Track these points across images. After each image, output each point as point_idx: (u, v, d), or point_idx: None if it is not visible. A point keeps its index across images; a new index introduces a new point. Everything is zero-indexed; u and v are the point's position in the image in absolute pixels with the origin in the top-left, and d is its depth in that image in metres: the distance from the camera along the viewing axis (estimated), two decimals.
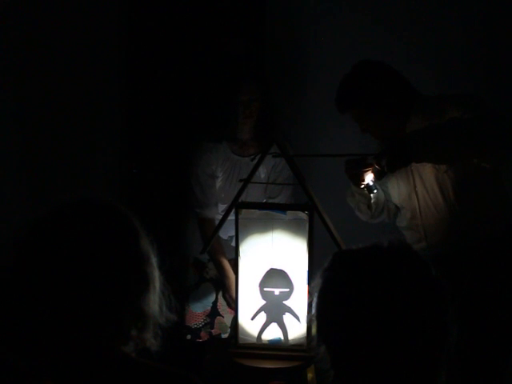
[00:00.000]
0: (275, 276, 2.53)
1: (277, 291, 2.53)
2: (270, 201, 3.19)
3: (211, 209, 3.20)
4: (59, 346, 1.33)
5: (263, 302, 2.56)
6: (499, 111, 2.54)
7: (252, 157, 2.97)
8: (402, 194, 2.78)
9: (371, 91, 2.65)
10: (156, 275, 1.43)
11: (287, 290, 2.53)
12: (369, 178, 2.67)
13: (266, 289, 2.54)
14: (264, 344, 2.55)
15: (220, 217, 2.79)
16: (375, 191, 2.73)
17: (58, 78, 3.41)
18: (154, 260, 1.43)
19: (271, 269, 2.54)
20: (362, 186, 2.70)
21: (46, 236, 1.36)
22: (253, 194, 3.12)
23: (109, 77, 3.63)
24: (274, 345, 2.55)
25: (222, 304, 3.26)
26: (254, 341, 2.57)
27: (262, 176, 3.18)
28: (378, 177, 2.61)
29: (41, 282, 1.32)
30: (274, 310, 2.55)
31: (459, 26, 3.43)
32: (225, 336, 3.23)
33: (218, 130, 3.14)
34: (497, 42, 3.42)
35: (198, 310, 3.26)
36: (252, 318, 2.57)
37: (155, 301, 1.42)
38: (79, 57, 3.49)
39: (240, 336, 2.58)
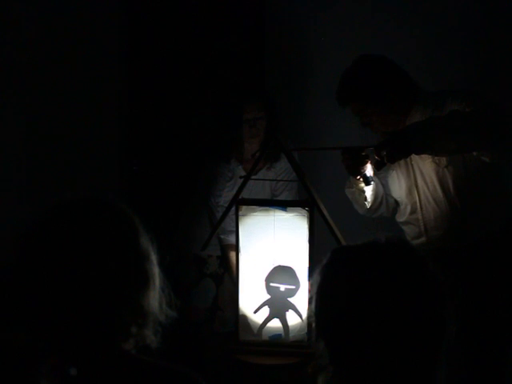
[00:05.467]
0: (282, 272, 2.53)
1: (282, 287, 2.53)
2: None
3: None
4: (59, 343, 1.33)
5: (268, 297, 2.56)
6: (499, 104, 2.54)
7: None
8: (402, 188, 2.78)
9: (372, 85, 2.65)
10: (156, 272, 1.43)
11: (293, 287, 2.53)
12: (365, 168, 2.68)
13: (272, 284, 2.54)
14: (264, 340, 2.56)
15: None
16: (372, 183, 2.74)
17: (59, 76, 3.42)
18: (153, 257, 1.43)
19: (279, 265, 2.54)
20: (359, 177, 2.71)
21: (46, 234, 1.36)
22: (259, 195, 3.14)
23: (109, 74, 3.64)
24: (274, 341, 2.55)
25: (222, 299, 3.28)
26: (255, 334, 2.57)
27: (268, 185, 3.20)
28: (377, 167, 2.61)
29: (41, 279, 1.33)
30: (278, 306, 2.55)
31: (459, 22, 3.43)
32: (225, 330, 3.24)
33: (225, 150, 3.15)
34: (496, 40, 3.41)
35: (199, 306, 3.27)
36: (255, 312, 2.57)
37: (155, 298, 1.42)
38: (79, 54, 3.49)
39: (240, 332, 2.58)
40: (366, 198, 2.83)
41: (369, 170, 2.69)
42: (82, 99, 3.50)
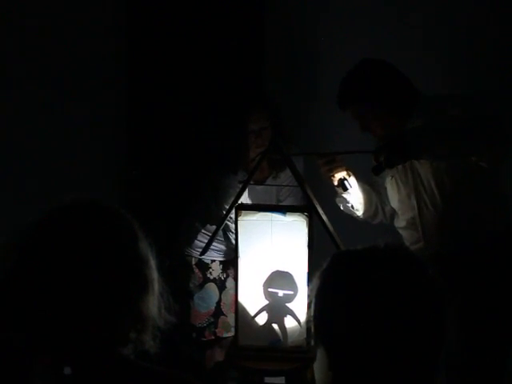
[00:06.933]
0: (281, 278, 2.53)
1: (281, 293, 2.53)
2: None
3: None
4: (58, 347, 1.33)
5: (266, 302, 2.56)
6: (498, 111, 2.55)
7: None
8: (401, 193, 2.79)
9: (372, 88, 2.67)
10: (155, 277, 1.43)
11: (291, 292, 2.53)
12: (339, 175, 2.73)
13: (270, 289, 2.54)
14: (263, 345, 2.56)
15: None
16: (349, 189, 2.77)
17: (60, 78, 3.41)
18: (152, 262, 1.43)
19: (277, 270, 2.54)
20: (336, 184, 2.74)
21: (44, 238, 1.36)
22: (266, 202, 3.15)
23: (110, 77, 3.63)
24: (273, 346, 2.55)
25: (225, 304, 3.28)
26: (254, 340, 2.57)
27: (274, 191, 3.21)
28: (376, 173, 2.62)
29: (40, 284, 1.33)
30: (276, 311, 2.55)
31: (464, 24, 3.42)
32: (228, 335, 3.25)
33: (231, 161, 3.14)
34: (499, 42, 3.41)
35: (202, 310, 3.29)
36: (253, 317, 2.57)
37: (154, 303, 1.42)
38: (80, 57, 3.49)
39: (240, 337, 2.58)
40: (352, 206, 2.86)
41: (343, 176, 2.73)
42: (81, 103, 3.49)
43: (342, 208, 2.92)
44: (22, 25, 3.24)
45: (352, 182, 2.79)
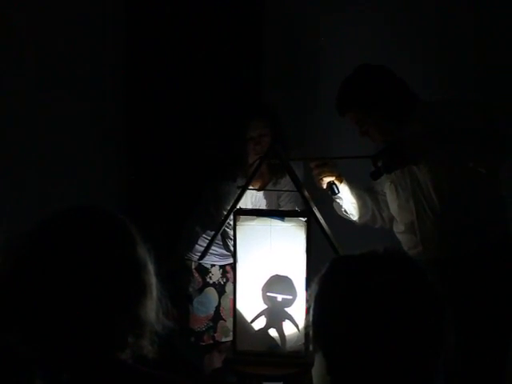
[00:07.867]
0: (280, 282, 2.53)
1: (280, 297, 2.53)
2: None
3: None
4: (56, 351, 1.33)
5: (265, 307, 2.56)
6: (497, 116, 2.56)
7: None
8: (400, 198, 2.79)
9: (370, 93, 2.67)
10: (153, 282, 1.43)
11: (290, 297, 2.53)
12: (328, 179, 2.76)
13: (269, 293, 2.54)
14: (262, 350, 2.55)
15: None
16: (338, 194, 2.79)
17: (60, 79, 3.42)
18: (150, 267, 1.43)
19: (276, 275, 2.54)
20: (325, 187, 2.77)
21: (43, 243, 1.36)
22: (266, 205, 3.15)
23: (111, 82, 3.64)
24: (271, 351, 2.55)
25: (224, 308, 3.29)
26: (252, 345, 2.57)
27: (274, 197, 3.21)
28: (374, 178, 2.63)
29: (38, 288, 1.33)
30: (275, 316, 2.55)
31: (464, 30, 3.43)
32: (226, 340, 3.25)
33: (230, 168, 3.14)
34: (499, 47, 3.42)
35: (201, 315, 3.29)
36: (252, 321, 2.57)
37: (152, 308, 1.42)
38: (80, 60, 3.50)
39: (238, 342, 2.58)
40: (346, 211, 2.87)
41: (330, 181, 2.75)
42: (81, 105, 3.50)
43: (338, 212, 2.93)
44: (21, 25, 3.24)
45: (342, 187, 2.80)
